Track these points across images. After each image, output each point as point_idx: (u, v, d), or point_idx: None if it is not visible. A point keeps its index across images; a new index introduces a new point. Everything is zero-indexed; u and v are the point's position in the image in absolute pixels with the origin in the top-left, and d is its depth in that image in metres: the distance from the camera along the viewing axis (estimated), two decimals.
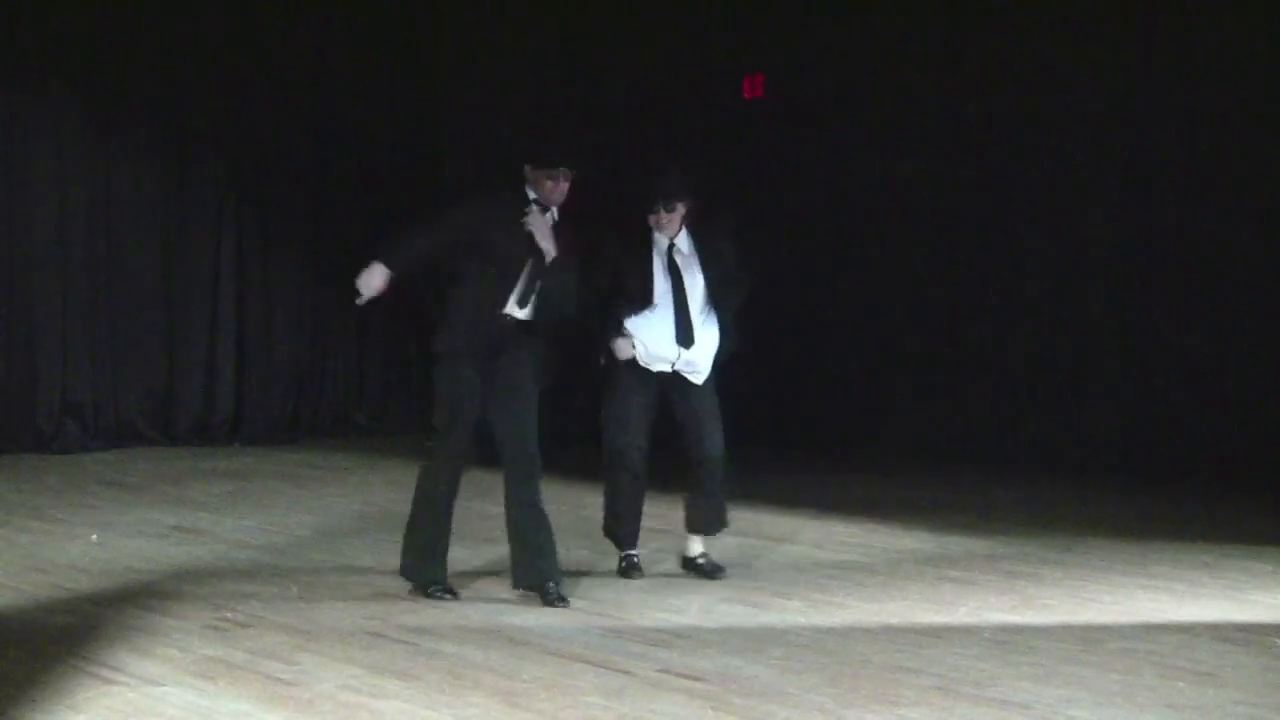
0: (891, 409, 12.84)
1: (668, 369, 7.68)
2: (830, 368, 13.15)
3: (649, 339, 7.65)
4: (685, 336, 7.63)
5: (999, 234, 12.16)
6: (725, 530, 7.97)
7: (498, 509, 7.90)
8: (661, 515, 8.65)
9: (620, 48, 14.00)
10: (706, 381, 7.77)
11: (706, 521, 7.88)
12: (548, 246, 7.15)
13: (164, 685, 5.75)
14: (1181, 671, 6.08)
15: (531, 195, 7.27)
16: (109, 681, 5.77)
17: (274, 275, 13.44)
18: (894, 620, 6.92)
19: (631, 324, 7.64)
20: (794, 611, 7.10)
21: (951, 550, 8.61)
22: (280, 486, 10.80)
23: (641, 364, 7.65)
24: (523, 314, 7.18)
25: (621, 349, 7.62)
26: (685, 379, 7.71)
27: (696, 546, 7.93)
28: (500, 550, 8.12)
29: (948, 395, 12.51)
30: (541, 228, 7.19)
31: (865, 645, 6.44)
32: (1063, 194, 11.79)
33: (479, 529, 9.00)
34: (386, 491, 10.59)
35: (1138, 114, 11.43)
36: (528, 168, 7.29)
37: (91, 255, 12.49)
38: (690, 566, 7.93)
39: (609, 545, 8.11)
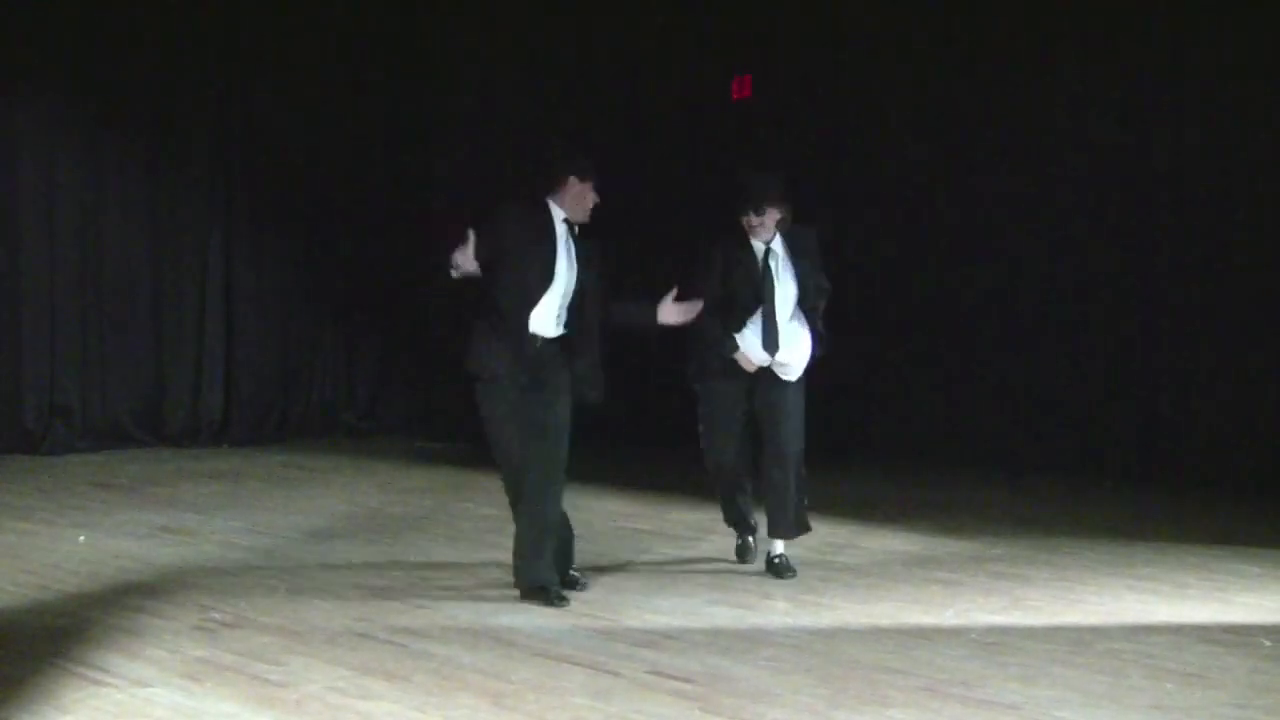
0: (880, 410, 12.84)
1: (765, 363, 7.79)
2: (819, 368, 13.12)
3: (743, 344, 7.76)
4: (771, 343, 7.72)
5: (992, 234, 12.16)
6: (807, 533, 8.01)
7: (491, 510, 7.93)
8: (647, 516, 8.67)
9: (608, 48, 13.99)
10: (795, 382, 7.86)
11: (783, 526, 7.91)
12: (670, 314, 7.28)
13: (152, 686, 5.74)
14: (1169, 673, 6.09)
15: (561, 213, 7.12)
16: (97, 682, 5.76)
17: (262, 276, 13.42)
18: (882, 621, 6.92)
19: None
20: (782, 613, 7.10)
21: (939, 552, 8.62)
22: (268, 488, 10.79)
23: (744, 365, 7.74)
24: (556, 332, 7.12)
25: (744, 360, 7.73)
26: (773, 374, 7.79)
27: (777, 546, 7.96)
28: (492, 552, 8.15)
29: (937, 397, 12.51)
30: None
31: (853, 646, 6.45)
32: (1058, 194, 11.78)
33: (471, 529, 9.01)
34: (375, 493, 10.59)
35: (1135, 112, 11.43)
36: (573, 179, 7.10)
37: (80, 256, 12.46)
38: (768, 565, 7.94)
39: (599, 546, 8.14)
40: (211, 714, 5.44)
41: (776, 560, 7.93)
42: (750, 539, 8.15)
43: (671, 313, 7.33)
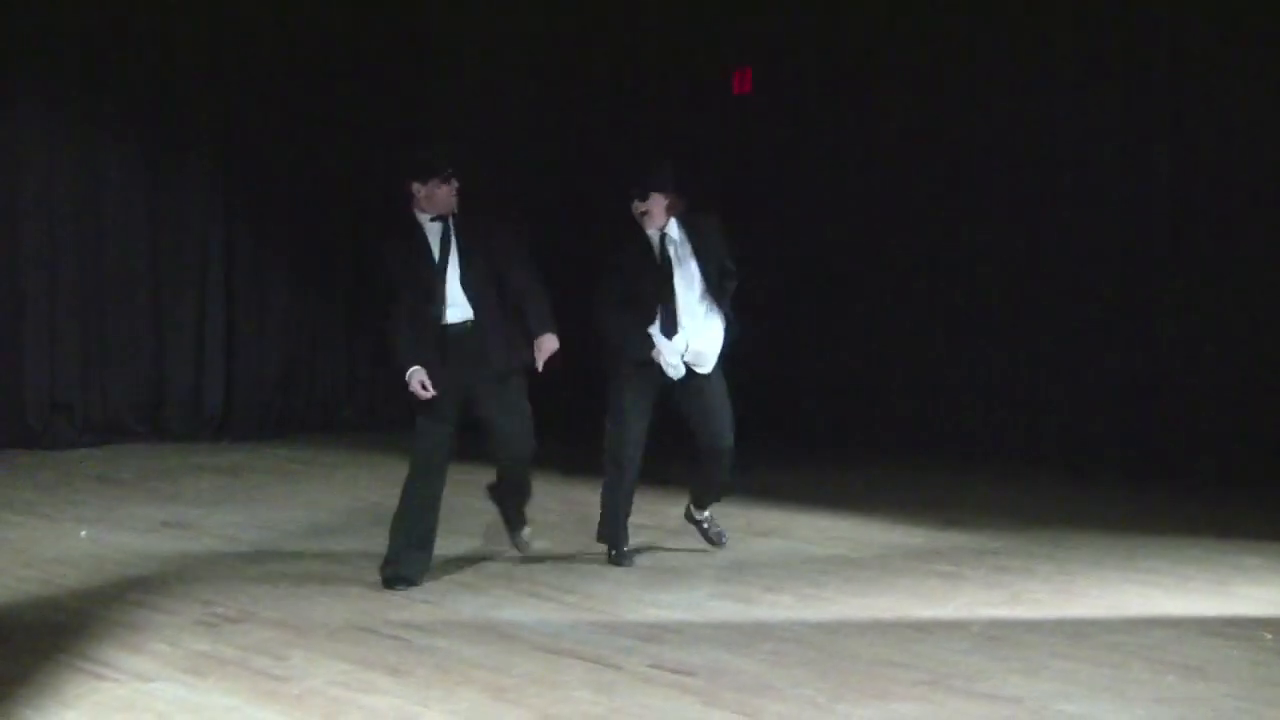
0: (881, 404, 12.83)
1: (681, 367, 7.74)
2: (819, 362, 13.14)
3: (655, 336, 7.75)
4: (669, 327, 7.69)
5: (991, 229, 12.14)
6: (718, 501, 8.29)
7: (486, 505, 7.94)
8: (648, 510, 8.66)
9: (608, 42, 13.99)
10: (714, 372, 7.83)
11: (708, 499, 8.21)
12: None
13: (154, 681, 5.75)
14: (1171, 666, 6.10)
15: (425, 215, 7.37)
16: (99, 677, 5.77)
17: (263, 271, 13.40)
18: (884, 615, 6.93)
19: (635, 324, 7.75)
20: (784, 606, 7.10)
21: (941, 545, 8.62)
22: (269, 482, 10.80)
23: (662, 367, 7.72)
24: (463, 315, 7.32)
25: (656, 354, 7.71)
26: (691, 372, 7.77)
27: (706, 512, 8.24)
28: (494, 546, 8.17)
29: (938, 390, 12.50)
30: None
31: (855, 640, 6.45)
32: (1058, 189, 11.77)
33: (472, 524, 9.01)
34: (376, 487, 10.58)
35: (1135, 108, 11.42)
36: (415, 184, 7.37)
37: (80, 251, 12.45)
38: (692, 520, 8.25)
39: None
40: (214, 708, 5.44)
41: (705, 524, 8.26)
42: (625, 549, 8.05)
43: (545, 348, 7.43)
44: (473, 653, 6.17)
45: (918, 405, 12.61)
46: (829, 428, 13.04)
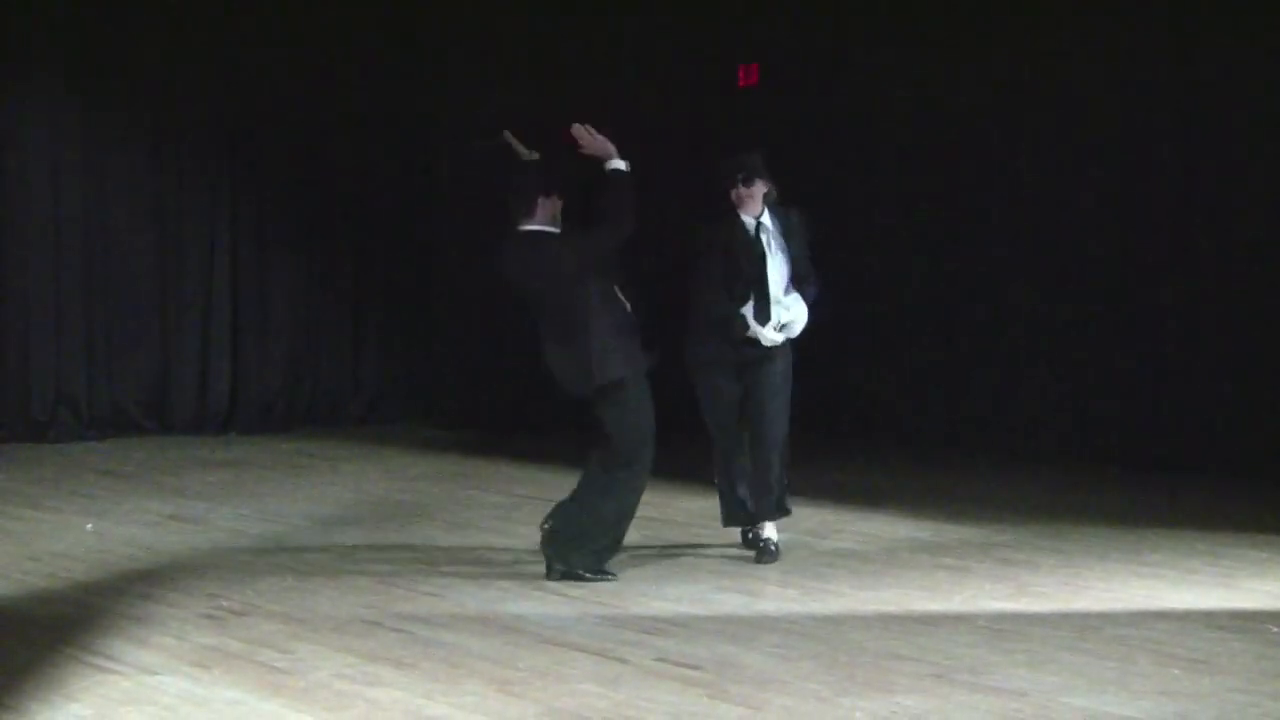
0: (886, 398, 12.83)
1: (778, 338, 7.89)
2: (824, 356, 13.10)
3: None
4: (762, 314, 7.83)
5: (994, 223, 12.14)
6: (785, 517, 8.09)
7: (499, 497, 7.95)
8: (654, 503, 8.65)
9: (614, 35, 13.97)
10: (784, 366, 7.97)
11: (765, 508, 7.99)
12: None
13: (160, 674, 5.76)
14: (1176, 659, 6.09)
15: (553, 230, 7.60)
16: (105, 670, 5.78)
17: (269, 264, 13.39)
18: (890, 608, 6.93)
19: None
20: (790, 600, 7.11)
21: (947, 538, 8.62)
22: (275, 476, 10.80)
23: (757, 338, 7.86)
24: None
25: (754, 332, 7.83)
26: (762, 357, 7.87)
27: (765, 529, 8.00)
28: (500, 539, 8.18)
29: (943, 384, 12.50)
30: None
31: (861, 633, 6.45)
32: (1060, 183, 11.76)
33: (478, 517, 9.02)
34: (382, 481, 10.59)
35: (1136, 103, 11.40)
36: (555, 199, 7.70)
37: (86, 244, 12.45)
38: (752, 544, 8.01)
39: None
40: (219, 701, 5.45)
41: (762, 543, 7.95)
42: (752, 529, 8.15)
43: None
44: (478, 646, 6.17)
45: (922, 400, 12.61)
46: (833, 423, 13.02)
